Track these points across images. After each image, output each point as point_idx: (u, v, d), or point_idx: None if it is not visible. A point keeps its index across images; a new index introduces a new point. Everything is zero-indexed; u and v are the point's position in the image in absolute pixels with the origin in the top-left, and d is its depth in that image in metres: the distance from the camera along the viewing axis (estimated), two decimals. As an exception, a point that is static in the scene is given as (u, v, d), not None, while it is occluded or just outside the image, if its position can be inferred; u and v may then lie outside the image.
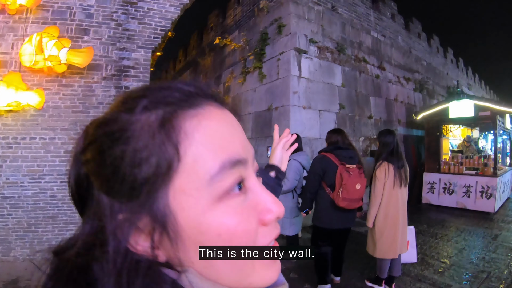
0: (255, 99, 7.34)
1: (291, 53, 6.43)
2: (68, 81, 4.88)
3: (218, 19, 9.90)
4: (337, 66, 7.21)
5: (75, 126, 4.78)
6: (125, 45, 5.33)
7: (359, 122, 7.48)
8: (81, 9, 5.17)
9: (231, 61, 8.61)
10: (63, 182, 4.62)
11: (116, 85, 5.19)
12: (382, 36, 8.76)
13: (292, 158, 4.30)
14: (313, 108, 6.57)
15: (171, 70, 14.76)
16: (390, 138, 3.58)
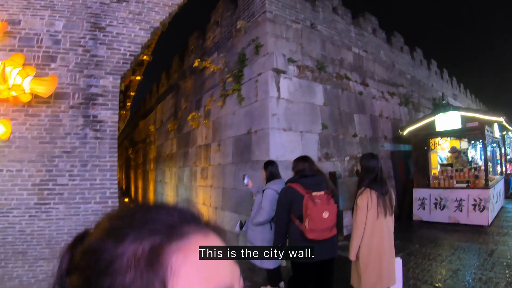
0: (234, 122, 7.01)
1: (269, 73, 6.13)
2: (34, 111, 4.61)
3: (198, 41, 9.65)
4: (318, 84, 6.93)
5: (42, 158, 4.54)
6: (93, 72, 5.03)
7: (344, 141, 7.18)
8: (48, 36, 4.92)
9: (211, 83, 8.31)
10: (32, 216, 4.41)
11: (84, 114, 4.88)
12: (364, 51, 8.54)
13: (267, 187, 4.04)
14: (294, 130, 6.24)
15: (155, 93, 14.47)
16: (373, 162, 3.28)
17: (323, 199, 3.13)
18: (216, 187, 7.54)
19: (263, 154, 5.97)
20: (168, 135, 11.62)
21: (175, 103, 11.24)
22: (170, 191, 11.32)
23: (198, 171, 8.67)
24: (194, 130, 9.12)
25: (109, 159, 4.91)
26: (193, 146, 9.09)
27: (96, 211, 4.68)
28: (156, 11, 5.42)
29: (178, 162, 10.41)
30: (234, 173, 6.77)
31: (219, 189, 7.41)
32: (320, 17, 7.58)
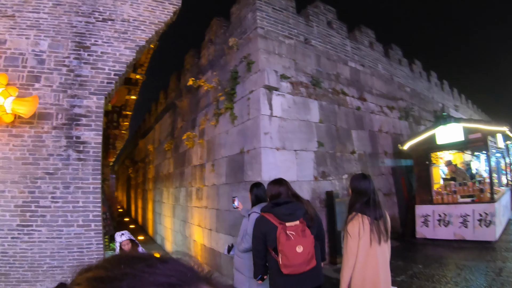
0: (228, 142, 6.73)
1: (261, 91, 5.86)
2: (18, 131, 4.58)
3: (194, 59, 9.50)
4: (313, 101, 6.65)
5: (24, 179, 4.48)
6: (76, 92, 4.88)
7: (341, 158, 6.84)
8: (33, 55, 4.86)
9: (205, 102, 8.08)
10: (14, 238, 4.35)
11: (67, 134, 4.74)
12: (361, 65, 8.28)
13: (253, 211, 3.75)
14: (288, 149, 5.93)
15: (154, 113, 14.33)
16: (365, 184, 2.95)
17: (298, 230, 2.86)
18: (211, 208, 7.21)
19: (255, 175, 5.66)
20: (166, 154, 11.41)
21: (172, 122, 11.06)
22: (167, 211, 11.04)
23: (193, 191, 8.37)
24: (189, 150, 8.87)
25: (92, 181, 4.72)
26: (189, 166, 8.82)
27: (79, 234, 4.53)
28: (142, 29, 5.29)
29: (175, 182, 10.15)
30: (228, 194, 6.46)
31: (213, 211, 7.08)
32: (315, 32, 7.35)
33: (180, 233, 9.46)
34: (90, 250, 4.59)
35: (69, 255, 4.49)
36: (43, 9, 5.02)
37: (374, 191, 2.95)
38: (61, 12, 5.06)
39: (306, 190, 6.05)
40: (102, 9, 5.23)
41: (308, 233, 2.88)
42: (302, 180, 6.02)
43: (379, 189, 7.66)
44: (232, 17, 7.35)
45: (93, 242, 4.62)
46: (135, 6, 5.39)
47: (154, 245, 12.46)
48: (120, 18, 5.26)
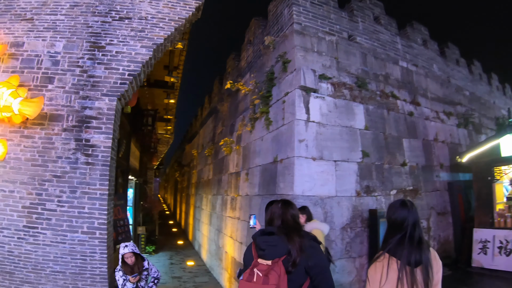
0: (262, 149, 5.94)
1: (296, 92, 5.01)
2: (29, 132, 4.41)
3: (234, 62, 8.91)
4: (358, 105, 5.65)
5: (33, 181, 4.31)
6: (88, 93, 4.49)
7: (390, 171, 5.76)
8: (48, 57, 4.61)
9: (243, 106, 7.40)
10: (20, 239, 4.24)
11: (77, 137, 4.39)
12: (414, 65, 7.11)
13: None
14: (326, 159, 5.01)
15: (199, 117, 14.05)
16: (402, 213, 2.13)
17: (263, 272, 2.11)
18: (243, 220, 6.45)
19: (287, 188, 4.81)
20: (207, 160, 10.96)
21: (214, 128, 10.60)
22: (205, 218, 10.55)
23: (228, 200, 7.70)
24: (226, 156, 8.26)
25: (99, 187, 4.31)
26: (226, 173, 8.19)
27: (83, 241, 4.21)
28: (161, 27, 4.85)
29: (213, 189, 9.60)
30: (260, 207, 5.66)
31: (244, 223, 6.31)
32: (360, 28, 6.35)
33: (214, 242, 8.82)
34: (93, 258, 4.26)
35: (72, 261, 4.21)
36: (60, 10, 4.84)
37: (415, 225, 2.08)
38: (77, 13, 4.82)
39: (346, 207, 5.08)
40: (119, 8, 4.92)
41: (271, 280, 2.08)
42: (342, 196, 5.07)
43: (432, 207, 6.46)
44: (269, 15, 6.59)
45: (97, 250, 4.27)
46: (154, 3, 5.02)
47: (192, 251, 12.00)
48: (137, 16, 4.89)
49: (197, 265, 9.79)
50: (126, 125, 7.80)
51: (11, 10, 4.77)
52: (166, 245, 12.72)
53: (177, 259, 10.48)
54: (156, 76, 8.56)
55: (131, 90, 4.67)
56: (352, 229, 5.14)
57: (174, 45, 5.94)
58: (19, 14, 4.74)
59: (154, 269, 4.30)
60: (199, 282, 8.06)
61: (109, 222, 4.40)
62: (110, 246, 4.48)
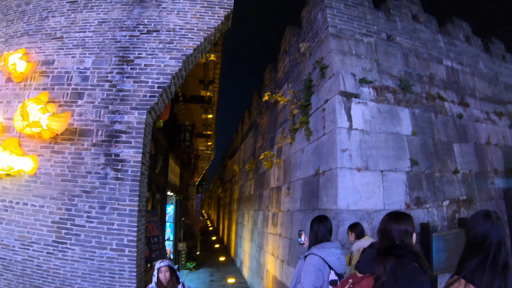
0: (303, 161, 5.42)
1: (336, 99, 4.46)
2: (59, 148, 4.25)
3: (272, 74, 8.50)
4: (403, 109, 4.99)
5: (62, 196, 4.11)
6: (118, 107, 4.23)
7: (441, 180, 5.02)
8: (78, 73, 4.43)
9: (282, 118, 6.93)
10: (49, 253, 4.02)
11: (106, 152, 4.11)
12: (459, 64, 6.32)
13: (311, 253, 2.84)
14: (372, 169, 4.39)
15: (240, 132, 13.74)
16: (485, 227, 1.63)
17: (353, 284, 2.08)
18: (284, 237, 5.92)
19: (330, 202, 4.24)
20: (248, 175, 10.57)
21: (254, 142, 10.21)
22: (247, 234, 10.11)
23: (269, 216, 7.22)
24: (267, 171, 7.80)
25: (129, 202, 3.98)
26: (267, 188, 7.73)
27: (112, 259, 3.88)
28: (189, 38, 4.55)
29: (254, 205, 9.17)
30: (302, 222, 5.12)
31: (286, 240, 5.77)
32: (398, 27, 5.71)
33: (256, 259, 8.32)
34: (122, 276, 3.91)
35: (100, 278, 3.88)
36: (89, 28, 4.68)
37: (500, 245, 1.57)
38: (106, 29, 4.63)
39: (397, 221, 4.40)
40: (146, 21, 4.68)
41: None
42: (390, 209, 4.39)
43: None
44: (303, 22, 6.13)
45: (126, 268, 3.92)
46: (182, 15, 4.75)
47: (233, 268, 11.54)
48: (165, 28, 4.63)
49: (238, 283, 9.28)
50: (162, 140, 7.54)
51: (42, 30, 4.67)
52: (207, 262, 12.35)
53: (217, 276, 10.05)
54: (192, 91, 8.31)
55: (162, 103, 4.33)
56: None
57: (207, 57, 5.61)
58: (49, 34, 4.63)
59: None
60: (240, 300, 7.56)
61: (139, 240, 4.03)
62: (140, 264, 4.12)
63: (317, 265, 2.74)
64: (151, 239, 5.48)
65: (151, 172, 6.38)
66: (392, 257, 1.79)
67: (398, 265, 1.75)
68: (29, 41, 4.71)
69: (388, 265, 1.75)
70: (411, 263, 1.78)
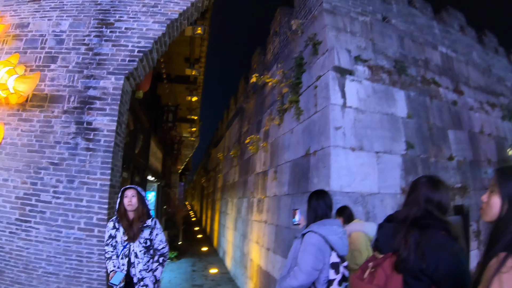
0: (292, 143, 5.01)
1: (330, 74, 4.08)
2: (28, 115, 3.70)
3: (260, 57, 8.02)
4: (399, 90, 4.66)
5: (28, 168, 3.56)
6: (93, 72, 3.73)
7: (436, 166, 4.70)
8: (53, 36, 3.90)
9: (270, 100, 6.51)
10: (12, 233, 3.47)
11: (78, 120, 3.60)
12: (453, 52, 6.04)
13: (310, 230, 2.45)
14: (366, 150, 4.02)
15: (225, 120, 13.15)
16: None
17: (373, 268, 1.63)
18: (270, 224, 5.50)
19: (322, 183, 3.84)
20: (232, 162, 10.01)
21: (240, 128, 9.65)
22: (230, 223, 9.57)
23: (254, 202, 6.76)
24: (253, 156, 7.33)
25: (100, 176, 3.47)
26: (252, 174, 7.25)
27: (79, 240, 3.36)
28: (176, 2, 4.16)
29: (238, 192, 8.65)
30: (289, 208, 4.71)
31: (272, 227, 5.36)
32: (394, 10, 5.40)
33: (239, 249, 7.84)
34: (90, 260, 3.40)
35: (66, 262, 3.38)
36: None
37: None
38: None
39: (390, 206, 4.06)
40: None
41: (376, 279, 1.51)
42: (385, 193, 4.05)
43: (483, 208, 5.29)
44: (295, 1, 5.72)
45: (95, 251, 3.41)
46: None
47: (216, 258, 11.00)
48: None
49: (221, 273, 8.80)
50: (144, 120, 6.99)
51: (18, -8, 4.18)
52: (189, 251, 11.77)
53: (199, 266, 9.52)
54: (177, 70, 7.71)
55: (142, 70, 3.88)
56: (398, 232, 4.10)
57: (193, 29, 5.14)
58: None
59: (161, 238, 3.01)
60: (222, 291, 7.09)
61: (109, 218, 3.51)
62: None
63: (318, 244, 2.35)
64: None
65: (130, 151, 5.90)
66: (415, 228, 1.46)
67: (423, 238, 1.42)
68: (4, 4, 4.21)
69: (411, 238, 1.42)
70: (437, 232, 1.45)
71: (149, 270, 2.84)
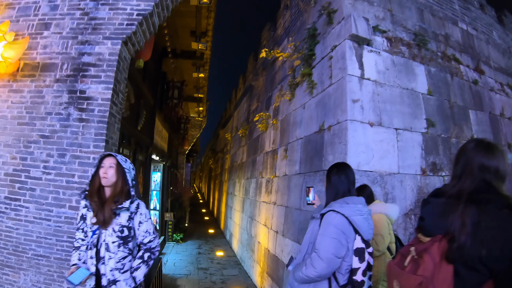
0: (304, 118, 4.52)
1: (346, 43, 3.58)
2: (18, 86, 3.22)
3: (270, 33, 7.44)
4: (419, 65, 4.14)
5: (18, 143, 3.11)
6: (88, 37, 3.21)
7: (457, 146, 4.19)
8: (47, 2, 3.40)
9: (281, 76, 5.99)
10: (1, 212, 3.04)
11: (70, 88, 3.11)
12: (474, 29, 5.48)
13: (331, 209, 2.00)
14: (385, 125, 3.54)
15: (234, 100, 12.59)
16: None
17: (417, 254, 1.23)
18: (279, 205, 5.06)
19: (338, 160, 3.36)
20: (240, 142, 9.49)
21: (248, 106, 9.09)
22: (238, 205, 9.09)
23: (263, 183, 6.30)
24: (262, 134, 6.83)
25: (93, 149, 3.00)
26: (261, 153, 6.77)
27: (71, 219, 2.98)
28: None
29: (247, 173, 8.14)
30: (301, 187, 4.25)
31: (282, 208, 4.92)
32: (413, -17, 4.85)
33: (247, 231, 7.43)
34: None
35: (57, 243, 2.94)
36: None
37: None
38: None
39: (410, 188, 3.60)
40: None
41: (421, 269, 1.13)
42: (405, 174, 3.58)
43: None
44: (308, -27, 5.19)
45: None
46: None
47: (222, 240, 10.59)
48: None
49: (227, 256, 8.41)
50: (147, 95, 6.49)
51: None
52: (196, 234, 11.39)
53: (205, 249, 9.14)
54: (183, 45, 7.15)
55: (142, 36, 3.40)
56: (417, 216, 3.65)
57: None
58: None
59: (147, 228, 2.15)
60: (227, 275, 6.69)
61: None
62: None
63: (340, 227, 1.90)
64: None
65: (131, 127, 5.43)
66: (473, 205, 1.08)
67: (482, 217, 1.05)
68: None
69: (469, 218, 1.05)
70: (499, 209, 1.06)
71: (125, 271, 2.02)
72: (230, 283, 6.14)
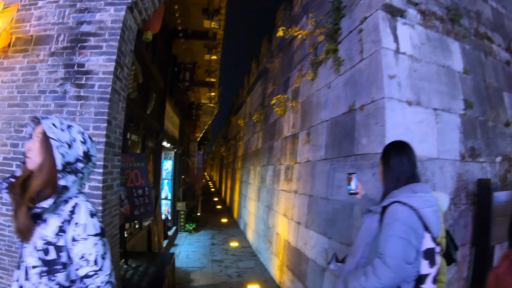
0: (330, 98, 3.99)
1: (379, 14, 3.07)
2: (10, 63, 2.69)
3: (286, 13, 6.82)
4: (453, 41, 3.61)
5: (8, 127, 2.60)
6: (88, 4, 2.63)
7: (494, 131, 3.69)
8: None
9: (300, 56, 5.42)
10: None
11: (67, 62, 2.55)
12: (503, 8, 4.93)
13: (395, 199, 1.50)
14: (424, 105, 3.03)
15: (246, 86, 12.01)
16: None
17: None
18: (302, 194, 4.57)
19: (374, 144, 2.88)
20: (255, 128, 8.89)
21: (263, 90, 8.46)
22: (252, 193, 8.54)
23: (282, 170, 5.78)
24: (280, 118, 6.27)
25: (92, 131, 2.43)
26: (279, 139, 6.22)
27: None
28: None
29: (262, 160, 7.59)
30: (328, 174, 3.75)
31: (305, 197, 4.43)
32: (441, -44, 4.30)
33: (263, 221, 6.93)
34: None
35: None
36: None
37: None
38: None
39: (450, 175, 3.10)
40: None
41: None
42: (445, 159, 3.08)
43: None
44: None
45: None
46: None
47: (236, 231, 10.06)
48: None
49: (242, 247, 7.92)
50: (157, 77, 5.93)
51: None
52: (209, 223, 10.89)
53: (219, 239, 8.65)
54: (194, 25, 6.56)
55: (150, 2, 2.89)
56: (456, 206, 3.15)
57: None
58: None
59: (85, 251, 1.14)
60: (243, 267, 6.22)
61: (108, 187, 2.53)
62: (111, 223, 2.62)
63: (410, 222, 1.41)
64: (134, 190, 3.87)
65: (139, 109, 4.89)
66: None
67: None
68: None
69: None
70: None
71: None
72: (247, 276, 5.68)
